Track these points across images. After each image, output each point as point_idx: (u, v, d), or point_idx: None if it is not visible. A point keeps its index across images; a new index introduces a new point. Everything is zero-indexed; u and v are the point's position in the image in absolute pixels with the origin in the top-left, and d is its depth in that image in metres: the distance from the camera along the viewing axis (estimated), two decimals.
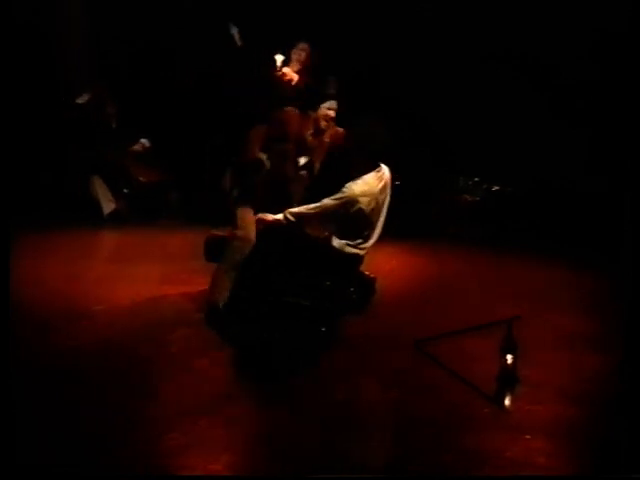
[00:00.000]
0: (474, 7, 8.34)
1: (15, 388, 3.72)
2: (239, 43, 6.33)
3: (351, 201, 4.92)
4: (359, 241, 5.01)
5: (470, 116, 8.27)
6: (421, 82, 8.17)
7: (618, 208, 7.42)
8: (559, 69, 8.14)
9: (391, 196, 5.27)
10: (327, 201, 5.04)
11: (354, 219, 4.93)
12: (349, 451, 3.62)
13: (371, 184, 5.00)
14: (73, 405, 3.93)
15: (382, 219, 5.15)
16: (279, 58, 6.41)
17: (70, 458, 3.42)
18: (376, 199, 5.01)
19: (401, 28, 8.40)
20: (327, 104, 6.36)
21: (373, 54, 8.47)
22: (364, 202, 4.91)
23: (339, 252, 4.95)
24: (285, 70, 6.43)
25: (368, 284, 5.27)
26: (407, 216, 6.67)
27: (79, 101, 8.47)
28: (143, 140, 8.51)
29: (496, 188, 8.21)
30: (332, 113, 6.31)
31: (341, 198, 4.96)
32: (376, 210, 5.04)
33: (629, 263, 6.13)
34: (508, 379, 4.27)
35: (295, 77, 6.46)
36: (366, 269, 5.32)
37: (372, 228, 5.04)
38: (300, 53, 6.78)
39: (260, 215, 5.21)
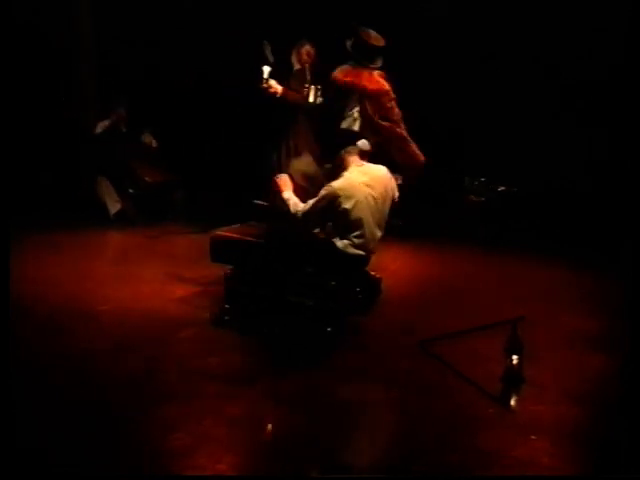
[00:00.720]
0: (476, 6, 8.35)
1: (16, 388, 3.73)
2: (271, 59, 6.33)
3: (329, 196, 4.91)
4: (359, 241, 5.00)
5: (473, 116, 8.29)
6: (423, 81, 8.16)
7: (619, 208, 7.48)
8: (560, 69, 8.15)
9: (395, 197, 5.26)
10: (309, 201, 5.07)
11: (340, 216, 4.91)
12: (351, 451, 3.65)
13: (351, 180, 4.97)
14: (77, 405, 3.93)
15: (380, 218, 5.10)
16: (266, 69, 6.40)
17: (73, 458, 3.43)
18: (364, 194, 4.95)
19: (402, 28, 8.39)
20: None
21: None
22: (343, 197, 4.88)
23: (343, 253, 4.94)
24: (271, 82, 6.45)
25: (374, 284, 5.25)
26: (412, 217, 6.65)
27: (98, 130, 8.43)
28: (148, 136, 8.52)
29: (502, 188, 8.19)
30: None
31: (321, 194, 4.99)
32: (364, 207, 4.97)
33: (629, 263, 6.18)
34: (513, 379, 4.29)
35: (279, 89, 6.48)
36: (372, 269, 5.32)
37: (363, 226, 4.98)
38: (302, 53, 6.76)
39: (280, 177, 5.32)
